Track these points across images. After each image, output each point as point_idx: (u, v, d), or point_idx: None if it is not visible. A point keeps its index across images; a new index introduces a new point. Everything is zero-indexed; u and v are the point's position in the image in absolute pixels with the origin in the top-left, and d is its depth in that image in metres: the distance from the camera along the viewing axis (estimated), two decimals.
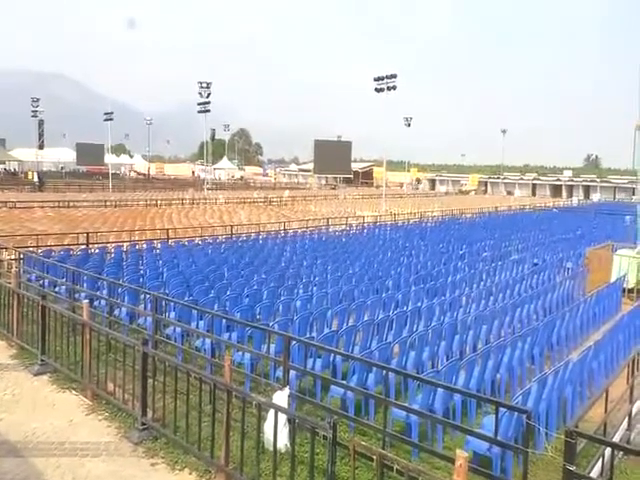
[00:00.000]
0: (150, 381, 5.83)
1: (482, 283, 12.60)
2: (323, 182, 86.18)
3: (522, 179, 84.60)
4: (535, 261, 16.35)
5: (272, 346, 7.00)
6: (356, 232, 22.73)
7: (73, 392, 6.88)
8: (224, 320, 7.84)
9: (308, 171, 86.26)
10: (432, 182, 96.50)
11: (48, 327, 7.58)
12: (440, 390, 5.42)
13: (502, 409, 4.47)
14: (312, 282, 11.37)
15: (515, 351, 7.25)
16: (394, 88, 41.51)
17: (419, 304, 9.69)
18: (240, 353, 7.22)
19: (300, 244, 17.68)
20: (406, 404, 5.33)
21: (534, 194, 79.75)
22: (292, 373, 6.21)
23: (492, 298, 10.72)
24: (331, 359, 6.84)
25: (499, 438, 4.35)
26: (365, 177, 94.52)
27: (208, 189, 54.86)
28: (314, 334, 7.83)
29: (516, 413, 4.57)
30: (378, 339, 7.65)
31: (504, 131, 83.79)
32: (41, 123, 74.34)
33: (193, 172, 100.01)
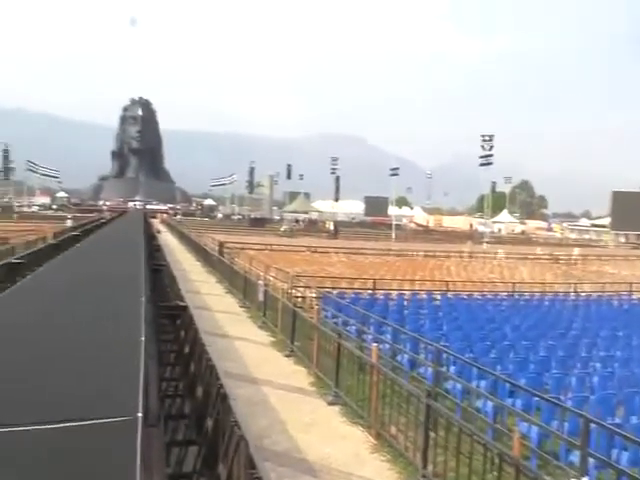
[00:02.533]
0: (431, 433, 5.85)
1: None
2: (622, 240, 75.00)
3: None
4: None
5: (564, 424, 6.25)
6: None
7: (360, 428, 7.37)
8: (507, 384, 7.39)
9: (603, 227, 76.54)
10: None
11: (341, 362, 8.40)
12: None
13: None
14: (613, 357, 9.84)
15: None
16: None
17: None
18: (525, 424, 6.65)
19: (595, 310, 15.60)
20: None
21: None
22: (591, 461, 5.40)
23: None
24: None
25: None
26: None
27: (487, 243, 53.76)
28: (617, 420, 6.71)
29: None
30: None
31: None
32: (337, 179, 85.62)
33: (471, 225, 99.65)
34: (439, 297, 16.19)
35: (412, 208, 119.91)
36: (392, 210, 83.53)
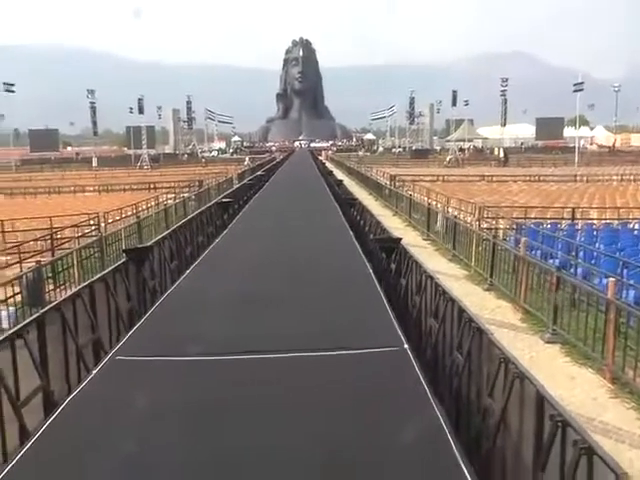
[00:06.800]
0: None
1: None
2: None
3: None
4: None
5: None
6: None
7: (589, 369, 6.76)
8: None
9: None
10: None
11: (561, 299, 7.72)
12: None
13: None
14: None
15: None
16: None
17: None
18: None
19: None
20: None
21: None
22: None
23: None
24: None
25: None
26: None
27: None
28: None
29: None
30: None
31: None
32: (504, 102, 78.53)
33: None
34: None
35: (592, 128, 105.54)
36: (568, 132, 74.72)
